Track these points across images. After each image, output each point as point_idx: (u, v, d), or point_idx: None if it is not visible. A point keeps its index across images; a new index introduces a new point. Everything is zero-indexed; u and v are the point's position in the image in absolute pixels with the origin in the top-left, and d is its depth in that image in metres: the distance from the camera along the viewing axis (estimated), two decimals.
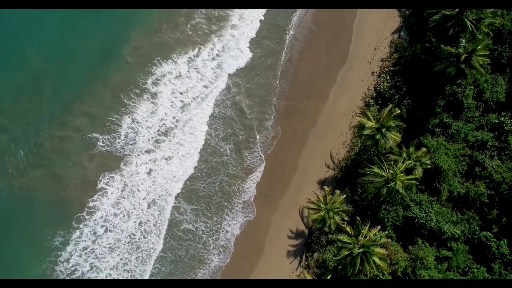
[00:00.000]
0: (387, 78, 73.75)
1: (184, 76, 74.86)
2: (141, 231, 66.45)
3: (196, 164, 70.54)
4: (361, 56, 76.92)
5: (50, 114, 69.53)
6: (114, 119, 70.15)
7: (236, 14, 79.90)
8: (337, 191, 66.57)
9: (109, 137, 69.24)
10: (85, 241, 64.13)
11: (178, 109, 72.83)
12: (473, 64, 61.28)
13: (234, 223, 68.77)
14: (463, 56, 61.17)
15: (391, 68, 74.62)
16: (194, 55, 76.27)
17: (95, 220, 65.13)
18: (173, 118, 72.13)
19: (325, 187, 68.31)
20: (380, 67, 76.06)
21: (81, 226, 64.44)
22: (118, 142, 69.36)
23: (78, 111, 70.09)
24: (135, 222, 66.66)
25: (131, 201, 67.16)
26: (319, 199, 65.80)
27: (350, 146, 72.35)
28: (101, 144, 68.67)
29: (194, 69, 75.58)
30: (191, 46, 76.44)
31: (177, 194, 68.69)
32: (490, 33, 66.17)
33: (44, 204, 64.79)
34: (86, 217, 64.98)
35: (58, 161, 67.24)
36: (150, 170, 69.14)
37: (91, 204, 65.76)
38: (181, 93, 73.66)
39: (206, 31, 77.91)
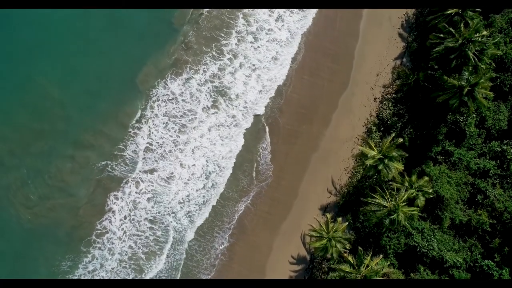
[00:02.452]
0: (390, 105, 73.64)
1: (179, 99, 74.82)
2: (143, 251, 67.62)
3: (195, 185, 71.35)
4: (363, 81, 76.77)
5: (59, 144, 70.92)
6: (121, 147, 71.23)
7: (234, 38, 79.60)
8: (339, 219, 66.48)
9: (115, 162, 70.42)
10: (94, 264, 65.93)
11: (175, 131, 73.13)
12: (476, 97, 61.33)
13: (224, 243, 69.71)
14: (466, 89, 61.21)
15: (394, 95, 74.49)
16: (188, 77, 76.03)
17: (103, 243, 66.93)
18: (171, 140, 72.66)
19: (327, 214, 68.18)
20: (382, 93, 75.91)
21: (91, 249, 66.48)
22: (122, 166, 70.34)
23: (86, 140, 71.50)
24: (136, 242, 67.80)
25: (133, 222, 68.44)
26: (321, 226, 65.70)
27: (352, 172, 72.20)
28: (108, 169, 69.94)
29: (189, 90, 75.47)
30: (185, 67, 76.44)
31: (177, 213, 69.58)
32: (493, 64, 66.10)
33: (55, 232, 66.71)
34: (98, 240, 67.04)
35: (68, 189, 68.87)
36: (152, 190, 70.09)
37: (99, 226, 67.51)
38: (177, 116, 73.87)
39: (197, 51, 77.52)
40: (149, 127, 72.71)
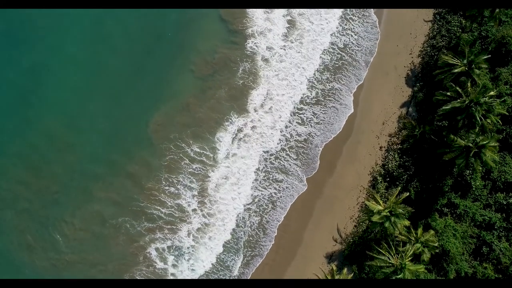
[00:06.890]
0: (396, 156, 73.57)
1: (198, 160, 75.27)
2: None
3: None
4: (369, 130, 76.84)
5: (73, 192, 71.72)
6: (139, 203, 71.40)
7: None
8: (345, 270, 66.35)
9: (135, 222, 70.59)
10: None
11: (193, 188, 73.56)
12: (483, 158, 61.39)
13: None
14: (473, 151, 61.33)
15: (399, 146, 74.44)
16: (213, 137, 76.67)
17: None
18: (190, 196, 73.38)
19: (333, 265, 68.08)
20: (388, 142, 75.92)
21: None
22: (145, 223, 70.58)
23: (103, 195, 72.09)
24: None
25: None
26: (326, 277, 65.55)
27: (357, 221, 72.15)
28: (128, 226, 70.24)
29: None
30: (209, 127, 77.18)
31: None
32: (500, 122, 66.16)
33: None
34: None
35: (90, 245, 69.55)
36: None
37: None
38: (193, 174, 74.24)
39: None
40: (167, 180, 72.96)
